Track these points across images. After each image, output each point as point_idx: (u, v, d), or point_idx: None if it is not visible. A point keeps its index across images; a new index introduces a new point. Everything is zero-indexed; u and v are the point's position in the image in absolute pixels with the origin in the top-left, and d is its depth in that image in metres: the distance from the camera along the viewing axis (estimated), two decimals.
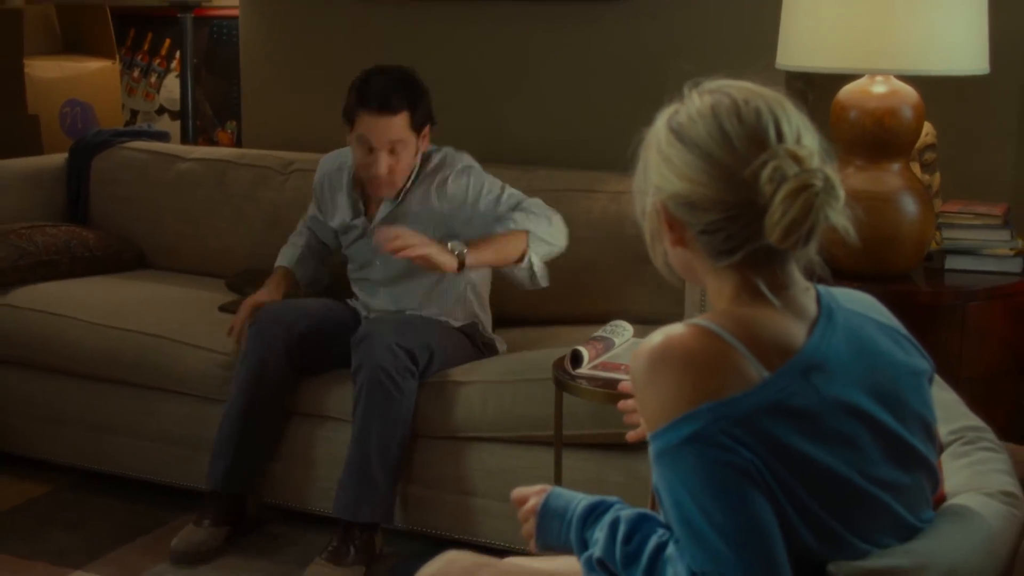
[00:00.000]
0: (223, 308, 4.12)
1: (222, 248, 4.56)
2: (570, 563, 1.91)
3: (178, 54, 5.45)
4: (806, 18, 3.50)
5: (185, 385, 3.87)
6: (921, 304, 3.52)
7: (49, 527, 3.82)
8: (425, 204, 3.70)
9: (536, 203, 3.67)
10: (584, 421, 3.34)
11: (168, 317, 4.04)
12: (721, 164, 1.69)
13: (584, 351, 3.15)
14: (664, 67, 4.22)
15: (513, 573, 1.75)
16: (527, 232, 3.59)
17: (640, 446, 1.90)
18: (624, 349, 3.29)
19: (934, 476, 1.82)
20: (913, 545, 1.73)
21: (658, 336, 1.68)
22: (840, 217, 1.70)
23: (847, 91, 3.59)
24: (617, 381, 2.54)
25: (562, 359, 3.20)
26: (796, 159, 1.66)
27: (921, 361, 1.85)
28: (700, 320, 1.69)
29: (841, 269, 3.56)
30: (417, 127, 3.64)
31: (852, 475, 1.68)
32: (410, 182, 3.72)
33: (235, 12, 5.12)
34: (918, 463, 1.77)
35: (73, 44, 5.60)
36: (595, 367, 3.14)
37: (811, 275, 1.81)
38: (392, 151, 3.59)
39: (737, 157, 1.68)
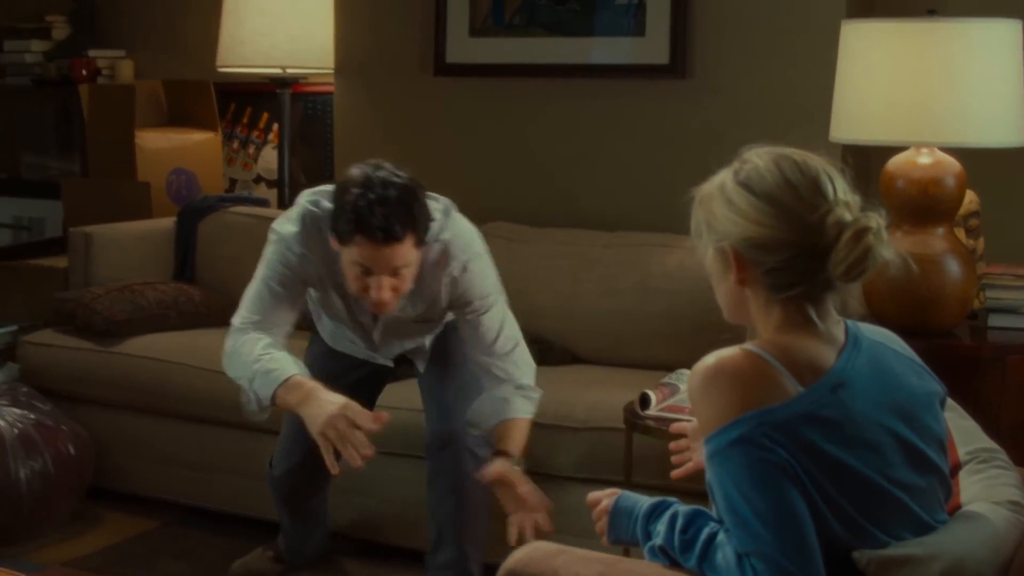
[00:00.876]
0: None
1: None
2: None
3: (275, 127, 5.83)
4: (856, 94, 3.79)
5: (214, 409, 4.24)
6: (965, 357, 3.77)
7: (160, 557, 4.16)
8: (422, 288, 3.39)
9: (524, 349, 3.53)
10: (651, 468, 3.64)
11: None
12: (790, 211, 2.02)
13: (652, 394, 3.46)
14: (726, 138, 4.56)
15: (590, 559, 2.07)
16: (530, 419, 3.50)
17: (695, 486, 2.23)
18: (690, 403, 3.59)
19: (947, 483, 2.13)
20: (927, 539, 2.04)
21: (711, 358, 2.01)
22: (889, 252, 2.03)
23: (895, 162, 3.87)
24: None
25: (632, 402, 3.52)
26: (849, 208, 2.01)
27: (934, 385, 2.17)
28: (747, 345, 2.03)
29: (890, 324, 3.85)
30: (421, 242, 3.25)
31: (875, 476, 2.00)
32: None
33: (330, 89, 5.51)
34: (932, 469, 2.08)
35: (179, 117, 5.94)
36: (662, 409, 3.46)
37: (843, 311, 2.15)
38: (395, 273, 3.19)
39: (804, 205, 2.02)
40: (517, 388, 3.43)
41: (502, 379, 3.44)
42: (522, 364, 3.48)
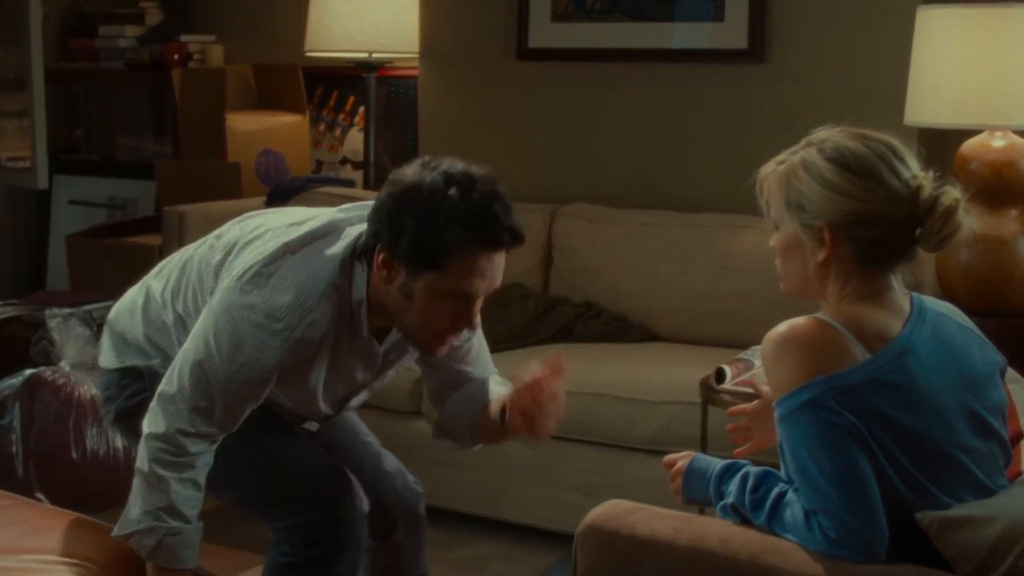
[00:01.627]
0: None
1: None
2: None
3: (361, 110, 5.97)
4: (931, 78, 3.86)
5: (373, 398, 4.35)
6: None
7: (254, 523, 4.30)
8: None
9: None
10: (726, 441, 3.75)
11: None
12: (888, 185, 2.11)
13: (727, 369, 3.56)
14: (803, 122, 4.63)
15: (665, 515, 2.18)
16: None
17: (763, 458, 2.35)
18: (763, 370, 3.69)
19: (1007, 449, 2.22)
20: (987, 501, 2.13)
21: (783, 326, 2.12)
22: (972, 223, 2.15)
23: (968, 145, 3.94)
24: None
25: (708, 377, 3.62)
26: (932, 182, 2.13)
27: (995, 356, 2.27)
28: (817, 314, 2.13)
29: (962, 305, 3.92)
30: None
31: (938, 440, 2.10)
32: None
33: (414, 72, 5.63)
34: (993, 436, 2.18)
35: (268, 100, 6.08)
36: (737, 384, 3.56)
37: (917, 286, 2.25)
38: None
39: (900, 180, 2.12)
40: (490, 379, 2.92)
41: (482, 378, 2.91)
42: (487, 354, 2.95)
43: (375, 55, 5.51)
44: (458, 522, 4.15)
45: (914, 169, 2.15)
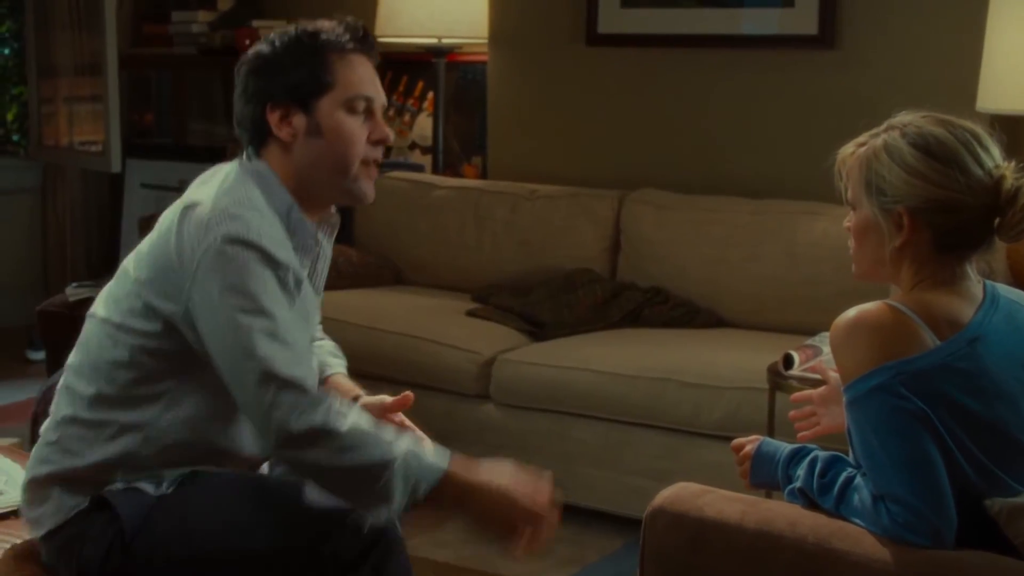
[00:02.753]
0: (470, 313, 4.69)
1: (470, 265, 5.12)
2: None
3: (430, 95, 5.99)
4: (1004, 64, 3.83)
5: (440, 381, 4.40)
6: None
7: None
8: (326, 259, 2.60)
9: None
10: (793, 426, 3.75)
11: (423, 321, 4.59)
12: (971, 174, 2.10)
13: (795, 355, 3.56)
14: (873, 108, 4.60)
15: (733, 499, 2.19)
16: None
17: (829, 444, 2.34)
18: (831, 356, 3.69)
19: None
20: None
21: (853, 311, 2.12)
22: None
23: None
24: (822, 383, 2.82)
25: (775, 363, 3.62)
26: (1015, 172, 2.11)
27: None
28: (886, 300, 2.13)
29: None
30: None
31: (1008, 426, 2.09)
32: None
33: (483, 58, 5.65)
34: None
35: None
36: (805, 370, 3.55)
37: (990, 273, 2.25)
38: None
39: (983, 168, 2.10)
40: (325, 345, 2.83)
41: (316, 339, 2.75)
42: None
43: (444, 40, 5.53)
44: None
45: (996, 158, 2.14)
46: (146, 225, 5.78)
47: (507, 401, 4.33)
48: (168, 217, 2.40)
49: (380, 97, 2.44)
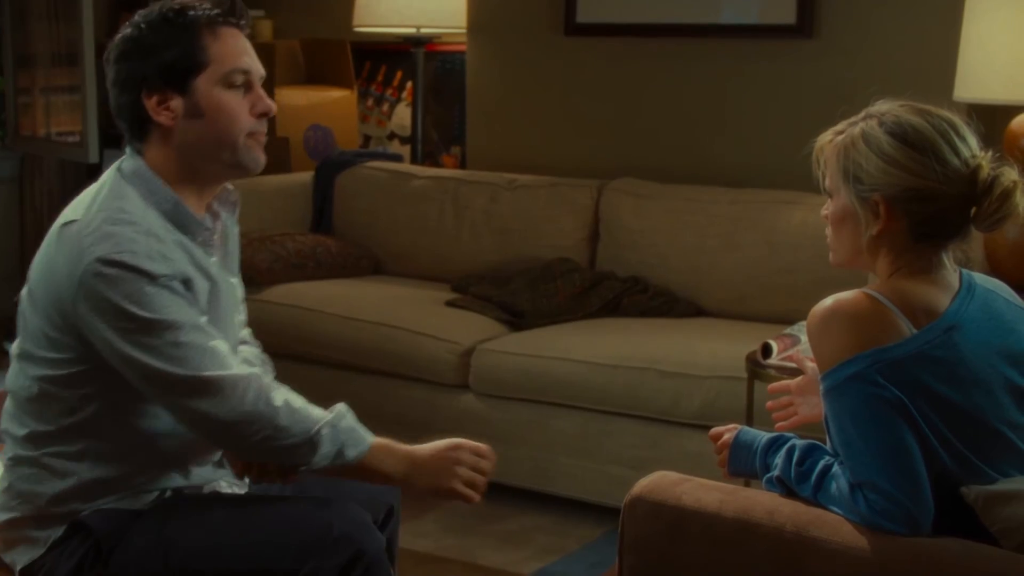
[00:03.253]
0: (450, 303, 4.69)
1: (450, 255, 5.11)
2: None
3: (409, 85, 5.99)
4: (981, 54, 3.84)
5: (420, 371, 4.40)
6: None
7: None
8: (230, 246, 2.55)
9: None
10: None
11: (402, 311, 4.58)
12: (948, 163, 2.10)
13: (774, 344, 3.57)
14: (851, 97, 4.61)
15: (710, 487, 2.20)
16: None
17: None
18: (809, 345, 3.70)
19: None
20: None
21: (829, 300, 2.13)
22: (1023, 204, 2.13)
23: (1018, 121, 3.90)
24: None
25: (754, 352, 3.63)
26: (991, 162, 2.12)
27: None
28: (864, 289, 2.14)
29: (1009, 281, 3.90)
30: None
31: (984, 414, 2.10)
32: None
33: (462, 48, 5.65)
34: None
35: (316, 75, 6.11)
36: (783, 359, 3.56)
37: (965, 263, 2.25)
38: None
39: (960, 158, 2.11)
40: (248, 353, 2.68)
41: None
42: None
43: (423, 30, 5.52)
44: (505, 495, 4.17)
45: (974, 148, 2.14)
46: None
47: (486, 391, 4.33)
48: (48, 238, 2.34)
49: (257, 68, 2.37)
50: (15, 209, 6.79)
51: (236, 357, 2.33)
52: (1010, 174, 2.11)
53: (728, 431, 2.36)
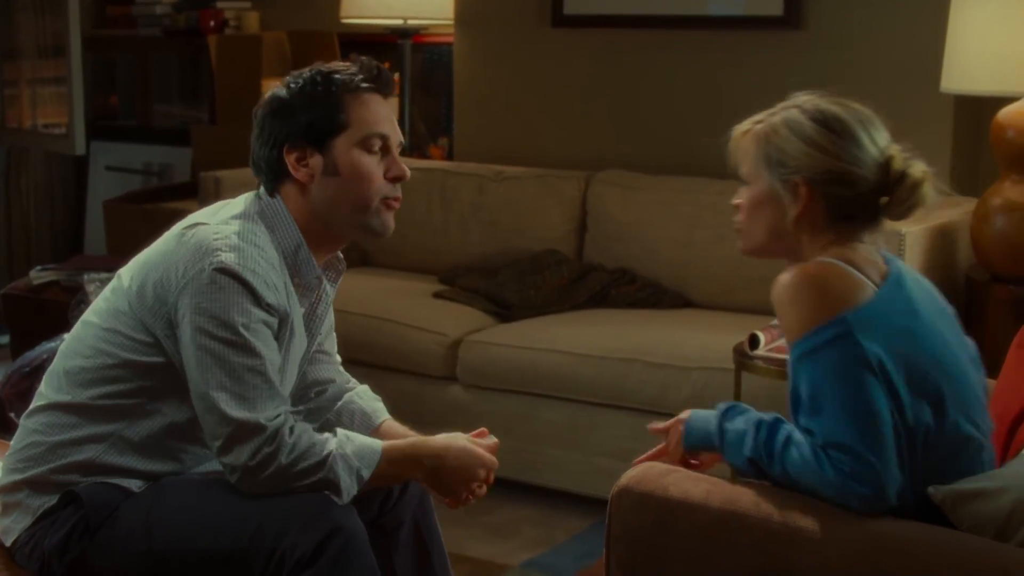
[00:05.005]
0: (437, 295, 4.70)
1: (437, 246, 5.10)
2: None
3: (396, 77, 5.98)
4: (968, 45, 3.85)
5: (407, 363, 4.40)
6: None
7: None
8: (316, 302, 2.60)
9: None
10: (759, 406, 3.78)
11: (389, 303, 4.59)
12: (867, 150, 2.20)
13: (761, 335, 3.58)
14: (839, 89, 4.62)
15: (696, 478, 2.20)
16: None
17: None
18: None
19: (984, 394, 2.29)
20: (997, 472, 2.18)
21: (794, 270, 2.19)
22: (934, 199, 2.24)
23: (1006, 112, 3.93)
24: None
25: (742, 343, 3.63)
26: (902, 154, 2.23)
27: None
28: (818, 259, 2.19)
29: (997, 272, 3.93)
30: None
31: (942, 363, 2.17)
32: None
33: (449, 39, 5.64)
34: (977, 368, 2.28)
35: (302, 66, 6.03)
36: (770, 349, 3.57)
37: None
38: None
39: (876, 144, 2.21)
40: (362, 392, 2.84)
41: (350, 387, 2.83)
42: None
43: (410, 22, 5.52)
44: (492, 487, 4.18)
45: (886, 140, 2.25)
46: (111, 208, 5.78)
47: (474, 383, 4.33)
48: (169, 234, 2.43)
49: (396, 135, 2.48)
50: (1, 201, 6.77)
51: (282, 406, 2.36)
52: (920, 166, 2.22)
53: (675, 420, 2.40)
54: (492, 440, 2.66)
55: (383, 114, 2.46)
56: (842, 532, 2.04)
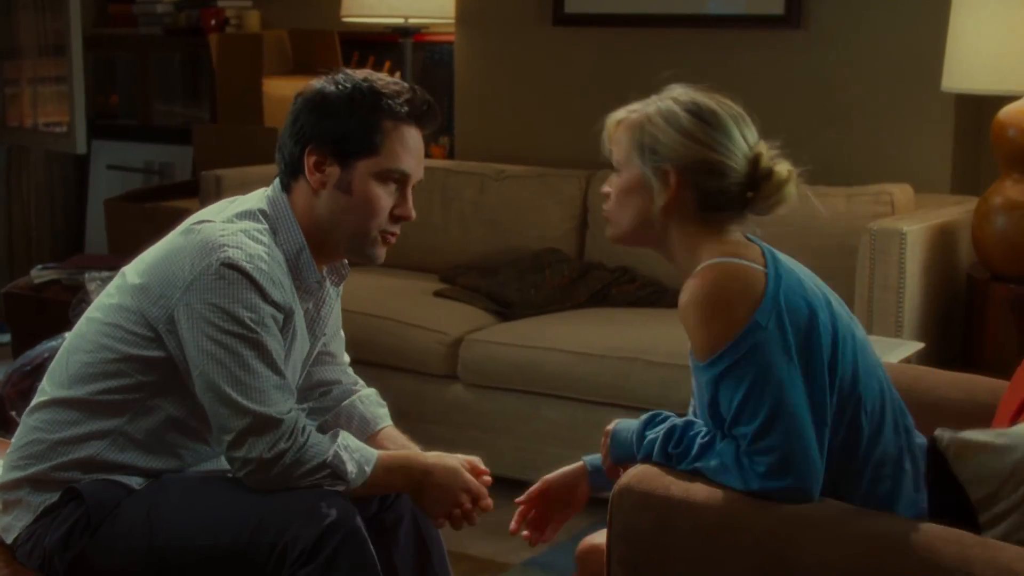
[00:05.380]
0: (438, 294, 4.70)
1: (438, 245, 5.11)
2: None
3: (397, 75, 5.99)
4: (969, 44, 3.85)
5: (408, 362, 4.40)
6: None
7: None
8: (319, 305, 2.61)
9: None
10: None
11: (390, 302, 4.59)
12: (738, 143, 2.23)
13: None
14: (840, 88, 4.64)
15: (696, 477, 2.20)
16: None
17: None
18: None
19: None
20: (1010, 431, 2.18)
21: (691, 287, 2.18)
22: (795, 198, 2.28)
23: (1007, 111, 3.93)
24: None
25: None
26: (769, 151, 2.26)
27: None
28: (706, 263, 2.19)
29: (998, 271, 3.93)
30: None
31: (841, 329, 2.20)
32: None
33: (450, 38, 5.64)
34: (856, 322, 2.30)
35: (304, 65, 6.09)
36: None
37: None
38: None
39: (746, 139, 2.24)
40: (365, 397, 2.84)
41: (355, 389, 2.85)
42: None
43: (411, 20, 5.52)
44: (493, 486, 4.15)
45: (755, 138, 2.27)
46: (112, 207, 5.78)
47: (475, 381, 4.34)
48: (174, 231, 2.44)
49: (418, 174, 2.47)
50: (2, 200, 6.78)
51: (292, 400, 2.37)
52: (786, 165, 2.24)
53: (605, 434, 2.44)
54: (486, 478, 2.71)
55: (414, 151, 2.44)
56: (844, 531, 2.04)
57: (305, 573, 2.27)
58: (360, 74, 2.44)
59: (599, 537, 2.46)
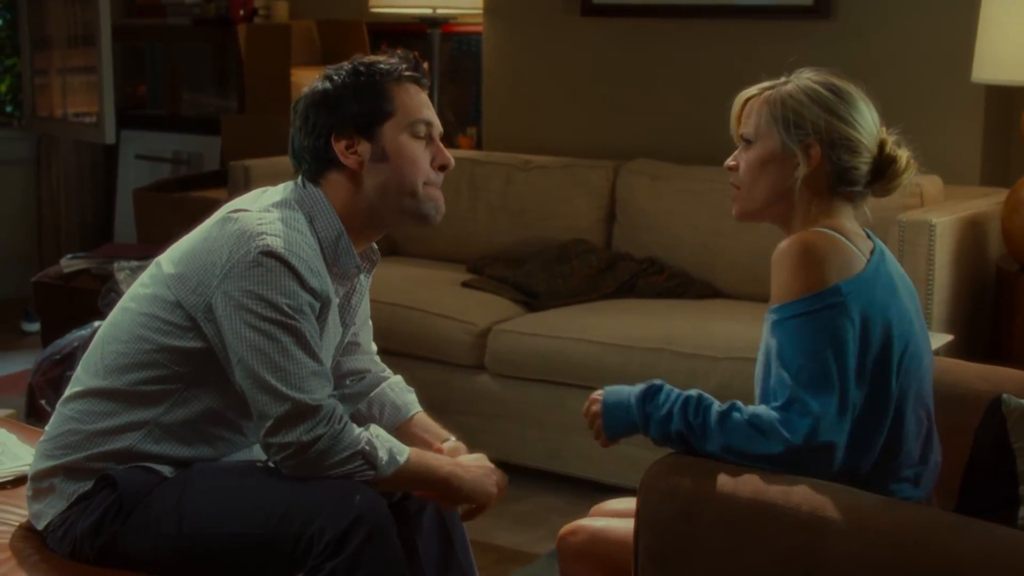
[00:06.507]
0: (465, 284, 4.71)
1: (465, 236, 5.12)
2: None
3: (425, 66, 5.99)
4: (999, 35, 3.84)
5: (435, 352, 4.41)
6: None
7: None
8: (361, 294, 2.69)
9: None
10: None
11: (418, 292, 4.60)
12: (868, 124, 2.29)
13: None
14: (869, 79, 4.60)
15: (726, 467, 2.20)
16: None
17: None
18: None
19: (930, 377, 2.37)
20: None
21: (795, 237, 2.23)
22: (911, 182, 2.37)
23: None
24: None
25: None
26: (891, 137, 2.33)
27: None
28: (814, 229, 2.25)
29: None
30: None
31: (909, 340, 2.25)
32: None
33: (478, 28, 5.65)
34: (929, 350, 2.37)
35: (332, 56, 6.08)
36: None
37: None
38: None
39: (875, 124, 2.30)
40: (395, 384, 2.88)
41: (384, 377, 2.88)
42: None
43: (439, 11, 5.52)
44: (520, 476, 4.18)
45: (879, 122, 2.33)
46: (140, 196, 5.81)
47: (502, 372, 4.34)
48: (210, 220, 2.46)
49: (438, 123, 2.53)
50: (32, 190, 6.82)
51: (330, 387, 2.40)
52: (907, 152, 2.32)
53: (592, 401, 2.39)
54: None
55: (425, 101, 2.52)
56: (871, 522, 2.03)
57: (331, 567, 2.27)
58: (346, 62, 2.52)
59: (584, 522, 2.59)
